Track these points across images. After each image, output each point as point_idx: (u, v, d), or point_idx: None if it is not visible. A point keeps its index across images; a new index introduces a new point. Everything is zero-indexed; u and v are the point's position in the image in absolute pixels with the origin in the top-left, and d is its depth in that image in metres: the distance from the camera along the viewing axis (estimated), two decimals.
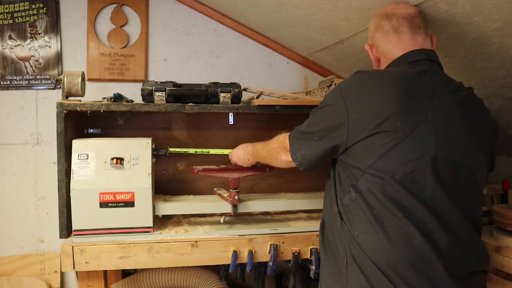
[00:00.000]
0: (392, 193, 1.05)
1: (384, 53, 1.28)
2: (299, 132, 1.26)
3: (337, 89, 1.16)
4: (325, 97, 1.21)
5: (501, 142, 2.14)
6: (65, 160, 1.57)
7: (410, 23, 1.23)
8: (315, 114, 1.22)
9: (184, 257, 1.55)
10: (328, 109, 1.17)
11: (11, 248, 2.15)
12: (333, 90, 1.20)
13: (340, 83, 1.19)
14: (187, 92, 1.71)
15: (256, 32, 2.31)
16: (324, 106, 1.19)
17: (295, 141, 1.26)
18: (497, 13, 1.19)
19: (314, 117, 1.22)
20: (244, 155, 1.60)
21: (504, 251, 1.36)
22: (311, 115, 1.24)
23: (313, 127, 1.20)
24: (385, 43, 1.26)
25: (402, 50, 1.22)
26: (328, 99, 1.19)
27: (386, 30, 1.26)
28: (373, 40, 1.31)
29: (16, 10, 2.12)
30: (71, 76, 1.63)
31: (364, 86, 1.12)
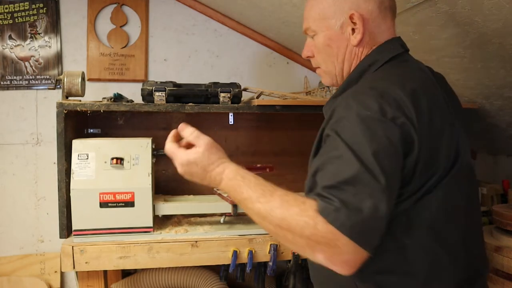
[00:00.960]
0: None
1: (372, 33, 1.02)
2: None
3: None
4: None
5: (501, 142, 2.14)
6: (65, 160, 1.57)
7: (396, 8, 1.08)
8: None
9: (184, 257, 1.55)
10: None
11: (11, 248, 2.15)
12: None
13: None
14: (187, 92, 1.71)
15: (256, 32, 2.31)
16: None
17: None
18: (497, 13, 1.19)
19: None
20: (206, 180, 1.07)
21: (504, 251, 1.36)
22: None
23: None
24: (381, 21, 1.02)
25: (389, 35, 1.04)
26: None
27: (385, 7, 1.02)
28: (364, 11, 1.00)
29: (16, 10, 2.12)
30: (71, 76, 1.63)
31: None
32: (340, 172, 0.79)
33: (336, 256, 0.76)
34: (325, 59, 1.08)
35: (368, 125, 0.82)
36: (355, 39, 1.01)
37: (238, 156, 2.13)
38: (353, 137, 0.82)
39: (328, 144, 0.86)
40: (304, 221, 0.78)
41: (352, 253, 0.75)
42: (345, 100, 0.90)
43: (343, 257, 0.76)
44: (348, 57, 1.04)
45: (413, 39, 1.52)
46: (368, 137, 0.80)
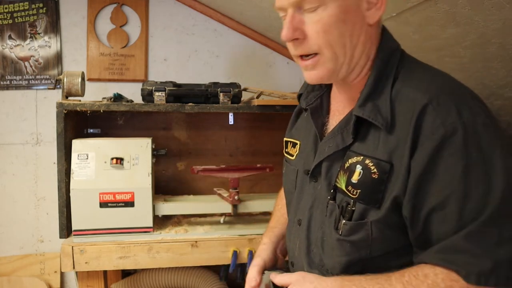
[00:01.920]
0: None
1: (377, 24, 0.86)
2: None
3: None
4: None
5: None
6: (65, 160, 1.57)
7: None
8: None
9: (184, 257, 1.55)
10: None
11: (11, 248, 2.14)
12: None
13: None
14: (187, 92, 1.71)
15: (256, 32, 2.31)
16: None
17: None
18: (497, 13, 1.18)
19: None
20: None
21: None
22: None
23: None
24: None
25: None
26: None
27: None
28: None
29: (16, 10, 2.12)
30: (71, 76, 1.63)
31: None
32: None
33: None
34: (336, 40, 0.80)
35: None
36: (375, 16, 0.81)
37: (238, 156, 2.13)
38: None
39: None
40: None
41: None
42: (437, 104, 0.73)
43: None
44: (363, 40, 0.82)
45: (413, 39, 1.52)
46: (499, 148, 0.70)
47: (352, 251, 0.81)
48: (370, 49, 0.84)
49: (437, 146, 0.71)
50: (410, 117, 0.74)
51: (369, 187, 0.78)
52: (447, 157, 0.71)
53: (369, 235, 0.78)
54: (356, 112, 0.82)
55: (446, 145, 0.70)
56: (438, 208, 0.72)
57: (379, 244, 0.79)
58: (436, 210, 0.72)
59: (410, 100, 0.76)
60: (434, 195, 0.72)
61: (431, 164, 0.72)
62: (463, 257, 0.68)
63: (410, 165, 0.73)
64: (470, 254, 0.68)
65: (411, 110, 0.74)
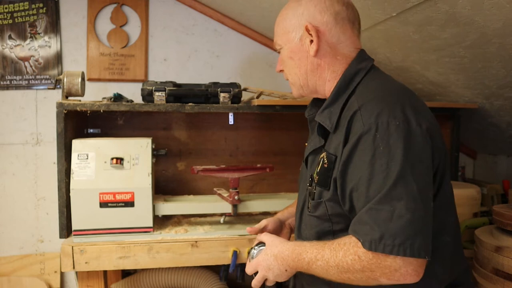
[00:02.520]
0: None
1: (331, 44, 1.06)
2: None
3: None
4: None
5: (501, 142, 2.14)
6: (65, 160, 1.57)
7: (359, 21, 1.12)
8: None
9: (184, 257, 1.55)
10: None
11: (11, 248, 2.15)
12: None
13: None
14: (187, 92, 1.71)
15: (256, 32, 2.31)
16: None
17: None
18: (497, 13, 1.19)
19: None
20: (279, 265, 1.06)
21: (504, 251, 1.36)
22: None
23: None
24: (339, 32, 1.05)
25: (352, 46, 1.08)
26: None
27: (342, 18, 1.05)
28: (319, 23, 1.05)
29: (16, 10, 2.12)
30: (71, 76, 1.63)
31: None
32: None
33: (394, 274, 0.85)
34: (290, 71, 1.13)
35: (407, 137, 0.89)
36: (312, 50, 1.06)
37: (238, 156, 2.13)
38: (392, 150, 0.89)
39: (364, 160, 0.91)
40: (350, 259, 0.89)
41: (404, 265, 0.84)
42: (365, 109, 0.94)
43: (400, 272, 0.85)
44: (311, 68, 1.09)
45: (413, 39, 1.52)
46: (401, 146, 0.88)
47: (318, 224, 1.06)
48: (332, 72, 1.08)
49: (357, 140, 0.92)
50: (347, 120, 0.96)
51: (323, 173, 1.02)
52: (361, 148, 0.92)
53: (325, 211, 1.02)
54: (316, 118, 1.08)
55: (362, 139, 0.91)
56: (354, 189, 0.92)
57: (337, 218, 1.01)
58: (354, 190, 0.92)
59: (351, 107, 0.98)
60: (352, 178, 0.93)
61: (351, 153, 0.93)
62: (363, 228, 0.88)
63: (342, 155, 0.96)
64: (368, 226, 0.87)
65: (349, 115, 0.97)
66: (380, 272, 0.86)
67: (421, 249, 0.84)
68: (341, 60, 1.08)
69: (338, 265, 0.91)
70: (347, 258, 0.89)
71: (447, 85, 1.82)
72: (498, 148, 2.29)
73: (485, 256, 1.42)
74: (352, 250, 0.89)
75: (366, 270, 0.87)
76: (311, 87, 1.12)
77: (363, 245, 0.87)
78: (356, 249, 0.88)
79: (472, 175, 2.51)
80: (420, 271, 0.85)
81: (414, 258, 0.84)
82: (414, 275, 0.85)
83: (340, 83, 1.05)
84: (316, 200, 1.05)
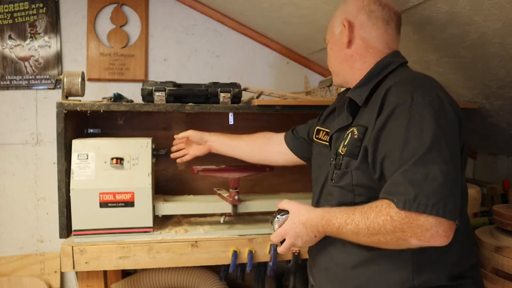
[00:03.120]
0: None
1: (363, 38, 1.16)
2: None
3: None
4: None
5: (501, 142, 2.14)
6: (65, 160, 1.57)
7: (397, 21, 1.20)
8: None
9: (184, 257, 1.55)
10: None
11: (11, 248, 2.15)
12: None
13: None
14: (187, 92, 1.71)
15: (256, 32, 2.31)
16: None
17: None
18: (497, 13, 1.18)
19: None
20: (309, 231, 1.09)
21: (504, 251, 1.36)
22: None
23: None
24: (371, 28, 1.16)
25: (386, 44, 1.16)
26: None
27: (376, 16, 1.16)
28: (354, 19, 1.17)
29: (16, 10, 2.12)
30: (71, 76, 1.63)
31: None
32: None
33: (425, 234, 0.88)
34: (330, 61, 1.27)
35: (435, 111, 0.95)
36: (344, 41, 1.18)
37: None
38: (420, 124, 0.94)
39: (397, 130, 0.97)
40: (382, 219, 0.91)
41: (435, 225, 0.87)
42: (400, 85, 1.01)
43: (431, 232, 0.87)
44: (345, 59, 1.20)
45: (413, 39, 1.52)
46: (435, 117, 0.94)
47: (341, 195, 1.09)
48: (363, 62, 1.17)
49: (392, 110, 0.97)
50: (381, 95, 1.02)
51: (352, 144, 1.06)
52: (396, 117, 0.97)
53: (351, 181, 1.06)
54: (348, 94, 1.15)
55: (397, 109, 0.97)
56: (387, 155, 0.96)
57: (360, 189, 1.05)
58: (387, 156, 0.96)
59: (384, 87, 1.05)
60: (385, 145, 0.97)
61: (385, 122, 0.98)
62: (397, 188, 0.90)
63: (375, 124, 1.00)
64: (403, 186, 0.89)
65: (382, 92, 1.03)
66: (411, 232, 0.88)
67: (452, 211, 0.87)
68: (373, 53, 1.16)
69: (369, 227, 0.93)
70: (378, 219, 0.92)
71: (447, 85, 1.82)
72: (498, 148, 2.28)
73: (485, 256, 1.42)
74: (385, 211, 0.91)
75: (397, 230, 0.90)
76: (342, 76, 1.23)
77: (396, 205, 0.89)
78: (388, 209, 0.91)
79: (472, 175, 2.51)
80: (450, 233, 0.88)
81: (446, 219, 0.86)
82: (444, 236, 0.87)
83: (373, 70, 1.14)
84: (342, 169, 1.08)
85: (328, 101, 1.70)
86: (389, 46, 1.17)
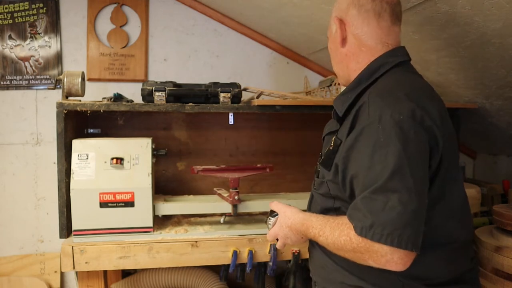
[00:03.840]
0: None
1: (355, 35, 1.11)
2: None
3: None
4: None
5: (501, 142, 2.14)
6: (65, 160, 1.57)
7: (392, 10, 1.11)
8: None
9: (184, 257, 1.55)
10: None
11: (11, 248, 2.15)
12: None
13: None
14: (187, 92, 1.71)
15: (256, 32, 2.31)
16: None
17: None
18: (497, 13, 1.18)
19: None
20: (295, 234, 1.14)
21: (504, 251, 1.36)
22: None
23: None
24: (362, 24, 1.10)
25: (378, 39, 1.09)
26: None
27: (366, 10, 1.09)
28: (345, 16, 1.12)
29: (16, 10, 2.12)
30: (71, 76, 1.63)
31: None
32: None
33: (380, 259, 0.90)
34: (332, 61, 1.23)
35: (401, 128, 0.91)
36: (338, 40, 1.14)
37: (238, 156, 2.13)
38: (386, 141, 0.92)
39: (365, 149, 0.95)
40: (343, 239, 0.95)
41: (390, 253, 0.88)
42: (373, 101, 0.98)
43: (385, 258, 0.89)
44: (340, 59, 1.16)
45: (413, 39, 1.52)
46: (401, 140, 0.91)
47: (322, 201, 1.13)
48: (356, 62, 1.12)
49: (361, 130, 0.96)
50: (356, 110, 1.01)
51: (327, 155, 1.08)
52: (364, 138, 0.95)
53: (328, 190, 1.09)
54: (333, 101, 1.14)
55: (365, 130, 0.95)
56: (355, 175, 0.96)
57: (338, 196, 1.07)
58: (354, 177, 0.96)
59: (363, 98, 1.03)
60: (353, 165, 0.97)
61: (354, 142, 0.97)
62: (357, 214, 0.92)
63: (346, 141, 1.00)
64: (361, 213, 0.91)
65: (359, 105, 1.01)
66: (368, 256, 0.91)
67: (408, 241, 0.86)
68: (366, 52, 1.11)
69: (335, 243, 0.98)
70: (341, 238, 0.96)
71: (447, 85, 1.82)
72: (498, 148, 2.28)
73: (485, 256, 1.42)
74: (346, 231, 0.94)
75: (357, 251, 0.93)
76: (342, 76, 1.20)
77: (354, 230, 0.92)
78: (349, 231, 0.94)
79: (472, 175, 2.51)
80: (406, 260, 0.88)
81: (402, 249, 0.87)
82: (400, 263, 0.88)
83: (362, 74, 1.10)
84: (320, 178, 1.13)
85: (328, 101, 1.70)
86: (384, 42, 1.10)
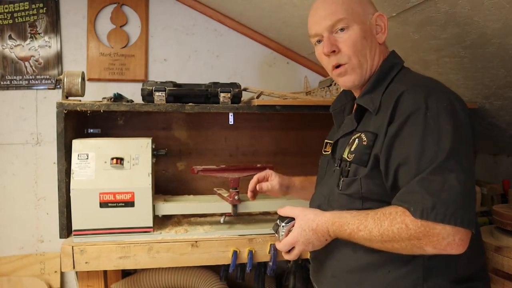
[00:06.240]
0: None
1: (384, 45, 1.16)
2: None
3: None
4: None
5: (501, 142, 2.14)
6: (65, 160, 1.57)
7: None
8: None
9: (184, 257, 1.55)
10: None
11: (11, 248, 2.15)
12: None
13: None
14: (187, 92, 1.71)
15: (256, 32, 2.31)
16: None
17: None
18: (497, 13, 1.19)
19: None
20: (320, 237, 1.07)
21: (504, 251, 1.36)
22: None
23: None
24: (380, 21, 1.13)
25: (385, 42, 1.16)
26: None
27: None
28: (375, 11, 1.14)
29: (16, 10, 2.12)
30: (71, 76, 1.63)
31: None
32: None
33: (441, 242, 0.87)
34: (361, 51, 1.09)
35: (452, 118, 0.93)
36: (382, 38, 1.12)
37: (238, 156, 2.13)
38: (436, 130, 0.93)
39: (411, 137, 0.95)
40: (397, 227, 0.91)
41: (452, 234, 0.87)
42: (413, 91, 0.99)
43: (447, 241, 0.87)
44: (378, 53, 1.12)
45: (413, 39, 1.52)
46: (452, 124, 0.93)
47: (348, 203, 1.05)
48: (378, 62, 1.12)
49: (406, 117, 0.95)
50: (392, 101, 0.99)
51: (360, 151, 1.03)
52: (411, 125, 0.95)
53: (359, 189, 1.03)
54: (357, 101, 1.11)
55: (412, 117, 0.95)
56: (402, 163, 0.94)
57: (368, 196, 1.02)
58: (401, 165, 0.94)
59: (395, 91, 1.02)
60: (400, 153, 0.95)
61: (399, 130, 0.96)
62: (414, 197, 0.90)
63: (387, 131, 0.98)
64: (419, 195, 0.89)
65: (394, 97, 1.00)
66: (426, 241, 0.88)
67: (470, 220, 0.87)
68: (380, 51, 1.14)
69: (383, 234, 0.93)
70: (393, 227, 0.91)
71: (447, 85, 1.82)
72: (498, 148, 2.28)
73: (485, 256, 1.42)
74: (399, 218, 0.91)
75: (413, 238, 0.89)
76: (372, 71, 1.14)
77: (413, 213, 0.88)
78: (403, 217, 0.90)
79: None
80: (466, 241, 0.88)
81: (463, 228, 0.86)
82: (460, 245, 0.87)
83: (380, 72, 1.11)
84: (350, 177, 1.05)
85: (328, 101, 1.70)
86: (386, 44, 1.15)
